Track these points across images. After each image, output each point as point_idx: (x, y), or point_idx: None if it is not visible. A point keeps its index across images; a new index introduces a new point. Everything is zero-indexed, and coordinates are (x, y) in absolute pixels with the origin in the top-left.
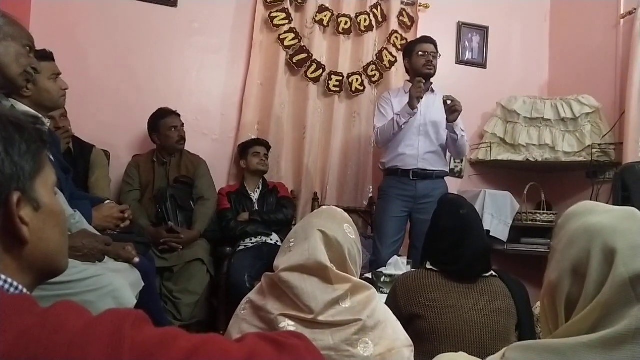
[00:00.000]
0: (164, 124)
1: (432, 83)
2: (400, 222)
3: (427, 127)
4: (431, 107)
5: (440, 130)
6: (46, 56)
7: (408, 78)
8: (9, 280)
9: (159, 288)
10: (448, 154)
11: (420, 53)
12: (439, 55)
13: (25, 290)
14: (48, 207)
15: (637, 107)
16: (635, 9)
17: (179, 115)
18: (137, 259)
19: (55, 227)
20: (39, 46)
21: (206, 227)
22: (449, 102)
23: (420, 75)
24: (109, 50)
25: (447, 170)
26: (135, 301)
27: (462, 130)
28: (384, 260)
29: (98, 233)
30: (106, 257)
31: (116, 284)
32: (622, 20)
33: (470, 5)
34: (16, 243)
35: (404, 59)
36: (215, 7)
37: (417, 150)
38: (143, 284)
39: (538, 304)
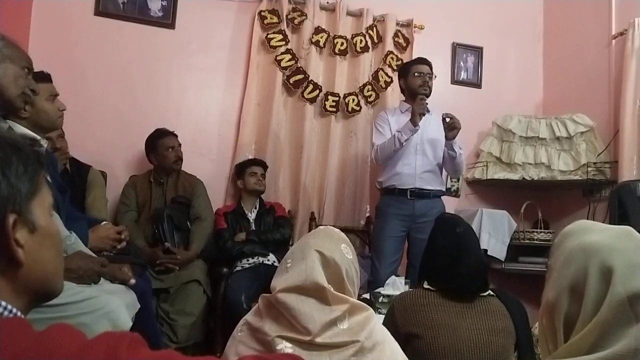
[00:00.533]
0: (161, 145)
1: (427, 103)
2: (399, 242)
3: (424, 145)
4: (427, 127)
5: (437, 149)
6: (44, 77)
7: (404, 98)
8: (3, 303)
9: (155, 309)
10: (444, 172)
11: (416, 74)
12: (434, 76)
13: (19, 314)
14: (44, 229)
15: (631, 126)
16: (626, 30)
17: (176, 136)
18: (133, 281)
19: (50, 249)
20: (37, 67)
21: (203, 247)
22: (448, 119)
23: (415, 94)
24: (107, 71)
25: (444, 189)
26: (131, 323)
27: (460, 148)
28: (382, 280)
29: (94, 254)
30: (102, 278)
31: (112, 305)
32: (613, 41)
33: (464, 26)
34: (11, 265)
35: (399, 79)
36: (213, 29)
37: (415, 169)
38: (139, 306)
39: (537, 324)
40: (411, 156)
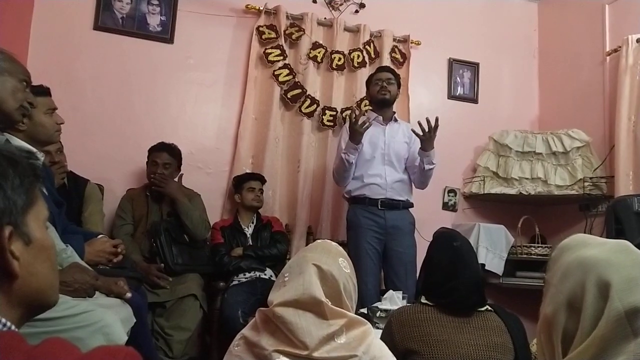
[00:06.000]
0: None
1: (394, 112)
2: (377, 255)
3: (391, 156)
4: (395, 136)
5: (403, 159)
6: (43, 91)
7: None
8: None
9: (150, 324)
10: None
11: (375, 81)
12: (395, 80)
13: (13, 327)
14: (39, 242)
15: (627, 141)
16: (620, 47)
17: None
18: (129, 294)
19: (45, 262)
20: (36, 81)
21: (192, 219)
22: (422, 132)
23: (376, 101)
24: (105, 85)
25: (412, 200)
26: (126, 338)
27: (433, 163)
28: (368, 297)
29: (90, 267)
30: (97, 292)
31: (107, 320)
32: (607, 58)
33: (460, 42)
34: (6, 278)
35: (366, 91)
36: (211, 44)
37: (385, 180)
38: (135, 320)
39: (535, 341)
40: (380, 167)
